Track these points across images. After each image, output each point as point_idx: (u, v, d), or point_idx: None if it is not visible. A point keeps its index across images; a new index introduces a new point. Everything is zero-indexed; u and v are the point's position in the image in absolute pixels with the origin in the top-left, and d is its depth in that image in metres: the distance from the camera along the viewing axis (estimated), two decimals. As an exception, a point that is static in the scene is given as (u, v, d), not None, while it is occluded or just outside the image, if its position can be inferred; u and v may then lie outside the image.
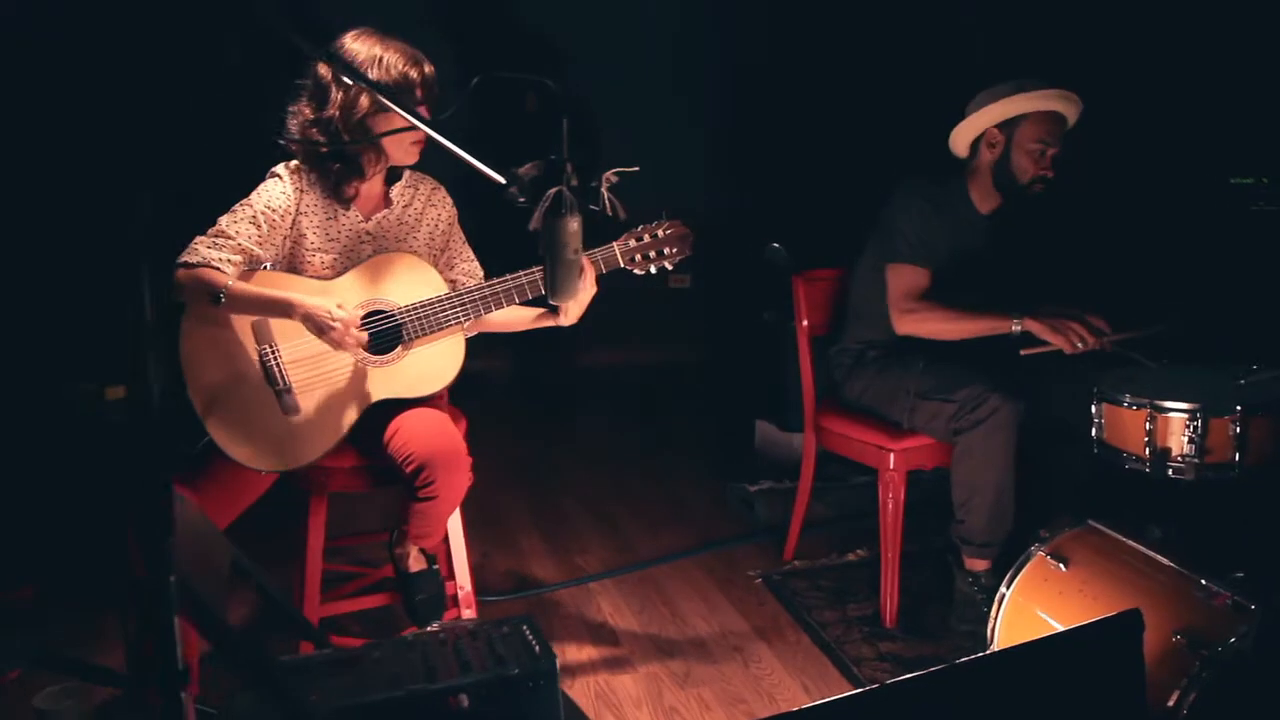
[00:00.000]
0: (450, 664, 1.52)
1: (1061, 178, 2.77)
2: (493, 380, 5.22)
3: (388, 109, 2.08)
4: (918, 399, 2.67)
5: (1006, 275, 2.83)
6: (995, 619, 2.19)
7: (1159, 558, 2.04)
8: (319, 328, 2.08)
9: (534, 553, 3.25)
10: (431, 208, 2.36)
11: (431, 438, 2.09)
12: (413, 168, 2.34)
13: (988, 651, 2.04)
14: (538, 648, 1.51)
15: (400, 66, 2.10)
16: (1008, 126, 2.70)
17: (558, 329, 2.35)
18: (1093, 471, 2.52)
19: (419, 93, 2.13)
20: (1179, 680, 1.78)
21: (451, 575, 2.45)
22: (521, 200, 1.46)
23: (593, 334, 5.52)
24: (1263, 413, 2.14)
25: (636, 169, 1.65)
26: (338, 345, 2.11)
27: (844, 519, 3.38)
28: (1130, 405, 2.24)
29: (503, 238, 2.25)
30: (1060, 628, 2.01)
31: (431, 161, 2.27)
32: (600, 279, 2.25)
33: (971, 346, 2.66)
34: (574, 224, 1.45)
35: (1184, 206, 3.75)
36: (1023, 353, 2.54)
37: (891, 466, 2.67)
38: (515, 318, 2.38)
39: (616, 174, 1.53)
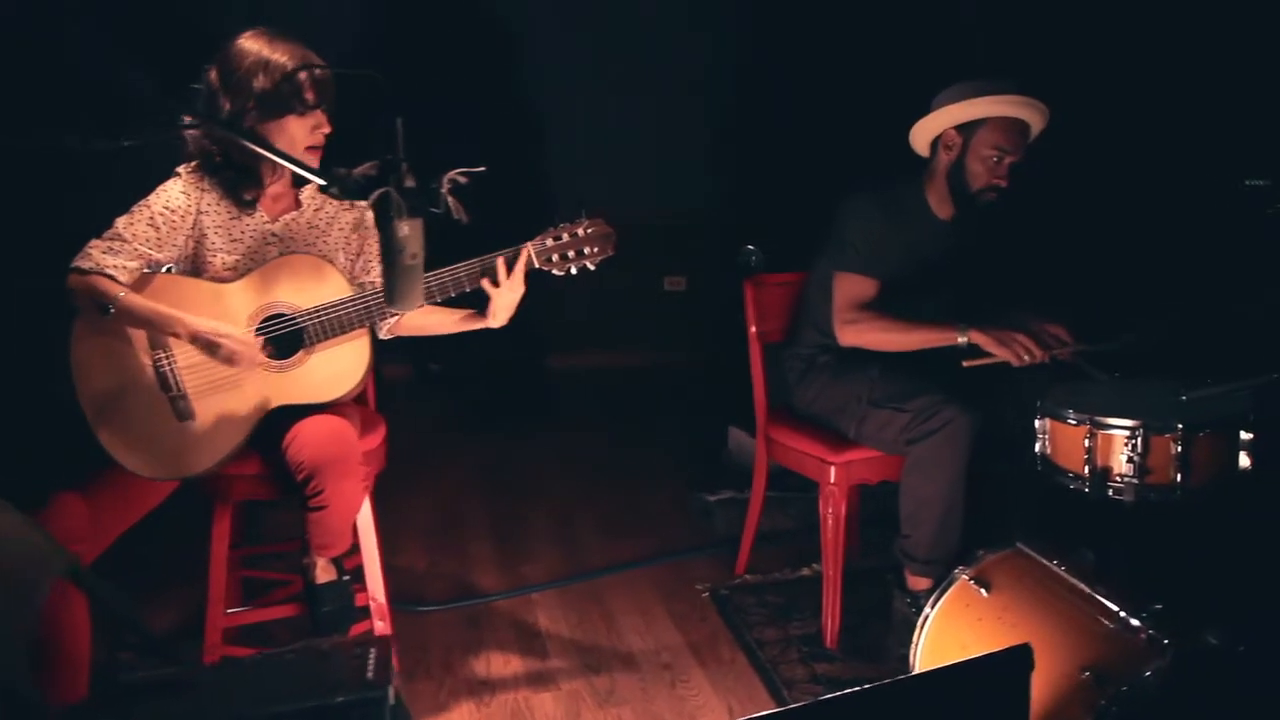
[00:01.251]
0: (285, 689, 1.45)
1: (1052, 180, 2.63)
2: (475, 382, 5.16)
3: (272, 117, 2.04)
4: (869, 406, 2.56)
5: (968, 282, 2.71)
6: (918, 642, 2.09)
7: (1081, 586, 1.92)
8: (208, 347, 2.05)
9: (482, 561, 3.18)
10: (344, 211, 2.30)
11: (321, 445, 2.02)
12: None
13: (894, 679, 1.94)
14: (371, 675, 1.44)
15: (288, 69, 2.04)
16: (967, 129, 2.58)
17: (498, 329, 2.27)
18: (1042, 490, 2.40)
19: (309, 95, 2.07)
20: (1085, 717, 1.67)
21: (364, 586, 2.39)
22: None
23: (584, 336, 5.48)
24: (1207, 431, 2.02)
25: (483, 169, 1.57)
26: (228, 362, 2.07)
27: (805, 531, 3.26)
28: (1072, 421, 2.12)
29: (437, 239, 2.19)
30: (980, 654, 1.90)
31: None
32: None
33: (928, 354, 2.55)
34: (405, 227, 1.37)
35: (1191, 208, 3.59)
36: (964, 364, 2.43)
37: (832, 480, 2.56)
38: (435, 320, 2.31)
39: (461, 174, 1.46)
